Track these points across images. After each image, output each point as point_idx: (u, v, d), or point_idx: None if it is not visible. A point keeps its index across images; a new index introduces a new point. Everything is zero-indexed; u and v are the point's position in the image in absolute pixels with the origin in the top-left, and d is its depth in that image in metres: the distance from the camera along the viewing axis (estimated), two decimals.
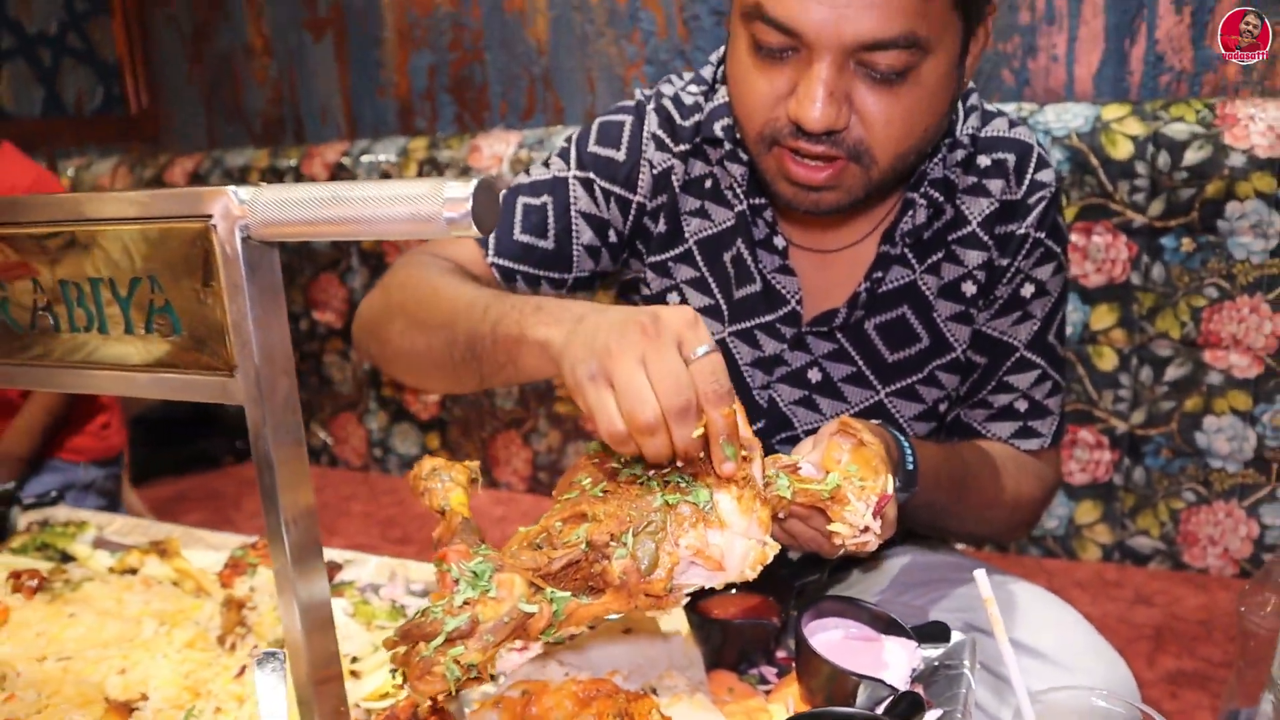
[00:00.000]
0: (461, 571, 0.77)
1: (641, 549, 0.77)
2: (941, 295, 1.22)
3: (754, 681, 0.95)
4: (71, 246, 0.80)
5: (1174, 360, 1.91)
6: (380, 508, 2.42)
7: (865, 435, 0.90)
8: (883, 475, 0.87)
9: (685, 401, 0.75)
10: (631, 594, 0.77)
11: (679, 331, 0.78)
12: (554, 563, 0.79)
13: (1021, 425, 1.28)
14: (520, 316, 0.90)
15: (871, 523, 0.85)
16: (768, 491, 0.84)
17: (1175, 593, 1.86)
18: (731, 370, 1.26)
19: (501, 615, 0.73)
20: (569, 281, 1.26)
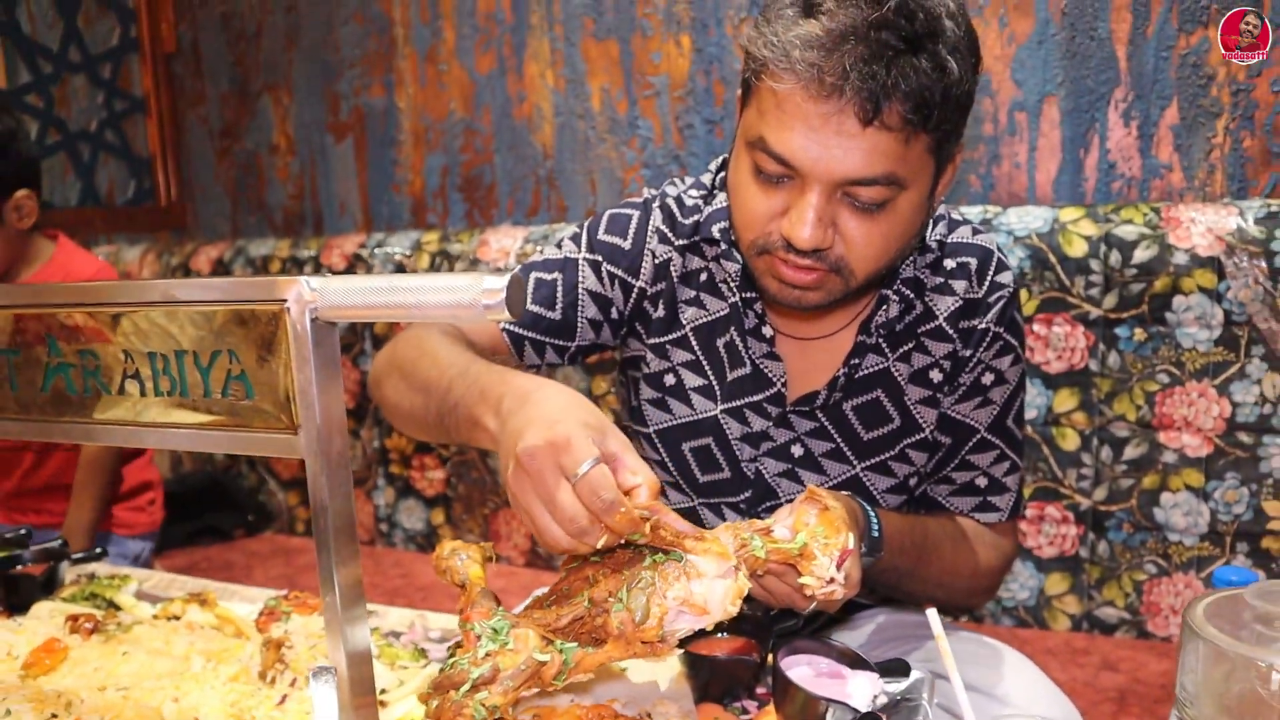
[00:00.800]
0: (483, 628, 0.91)
1: (635, 602, 0.90)
2: (911, 381, 1.38)
3: (737, 713, 1.08)
4: (157, 321, 0.95)
5: (1131, 440, 2.06)
6: (386, 579, 2.52)
7: (829, 501, 1.04)
8: (844, 533, 1.01)
9: (581, 526, 0.87)
10: (629, 642, 0.90)
11: (556, 462, 0.86)
12: (561, 619, 0.93)
13: (981, 500, 1.42)
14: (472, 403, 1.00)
15: (836, 574, 0.99)
16: (744, 552, 0.98)
17: (1139, 659, 1.97)
18: (722, 444, 1.40)
19: (519, 664, 0.87)
20: (571, 349, 1.41)
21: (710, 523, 1.44)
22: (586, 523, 0.87)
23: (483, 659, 0.87)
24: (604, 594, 0.92)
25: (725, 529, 1.01)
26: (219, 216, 3.55)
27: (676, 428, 1.44)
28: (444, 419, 1.07)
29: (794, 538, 1.01)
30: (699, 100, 2.69)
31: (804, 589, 1.00)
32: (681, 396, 1.43)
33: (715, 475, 1.43)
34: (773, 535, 1.02)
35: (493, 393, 0.98)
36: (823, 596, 0.99)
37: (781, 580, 1.04)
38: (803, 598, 1.02)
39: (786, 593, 1.03)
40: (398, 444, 2.84)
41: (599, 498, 0.86)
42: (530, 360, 1.40)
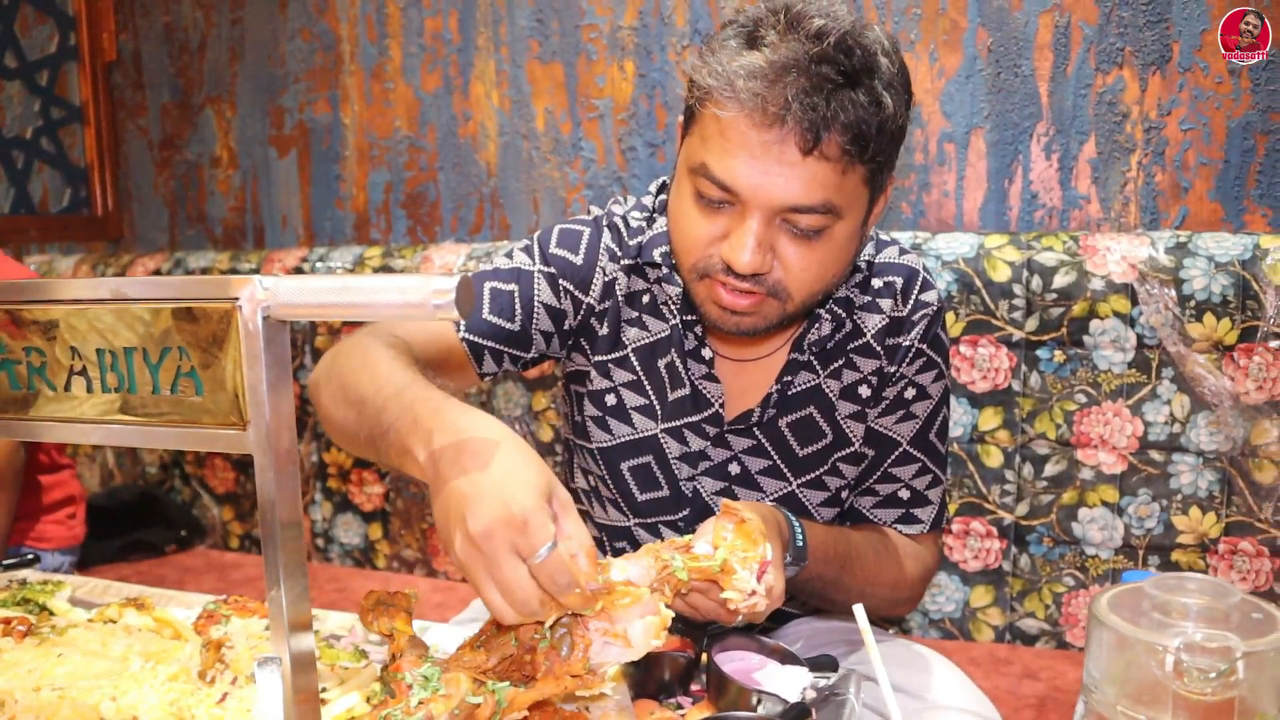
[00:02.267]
0: (414, 677, 0.93)
1: (557, 637, 0.93)
2: (842, 396, 1.44)
3: (672, 708, 1.11)
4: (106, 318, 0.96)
5: (1051, 458, 2.15)
6: (323, 593, 2.51)
7: (745, 514, 1.09)
8: (762, 545, 1.06)
9: (532, 609, 0.87)
10: (558, 677, 0.92)
11: (512, 542, 0.84)
12: (490, 659, 0.96)
13: (904, 512, 1.48)
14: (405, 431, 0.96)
15: (757, 587, 1.03)
16: (666, 573, 1.02)
17: (1058, 668, 2.04)
18: (661, 463, 1.44)
19: (452, 709, 0.87)
20: (525, 359, 1.44)
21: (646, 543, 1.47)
22: (538, 605, 0.87)
23: (416, 708, 0.88)
24: (529, 633, 0.94)
25: (647, 550, 1.05)
26: (156, 229, 3.50)
27: (618, 447, 1.48)
28: (375, 441, 1.03)
29: (714, 553, 1.05)
30: (641, 123, 2.76)
31: (727, 602, 1.04)
32: (623, 416, 1.46)
33: (654, 494, 1.47)
34: (693, 552, 1.06)
35: (424, 425, 0.94)
36: (746, 610, 1.04)
37: (706, 596, 1.08)
38: (728, 612, 1.06)
39: (712, 608, 1.06)
40: (336, 458, 2.83)
41: (556, 583, 0.86)
42: (488, 369, 1.42)
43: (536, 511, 0.84)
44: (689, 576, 1.02)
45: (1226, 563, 2.05)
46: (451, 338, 1.36)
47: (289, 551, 0.82)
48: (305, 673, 0.85)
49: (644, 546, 1.02)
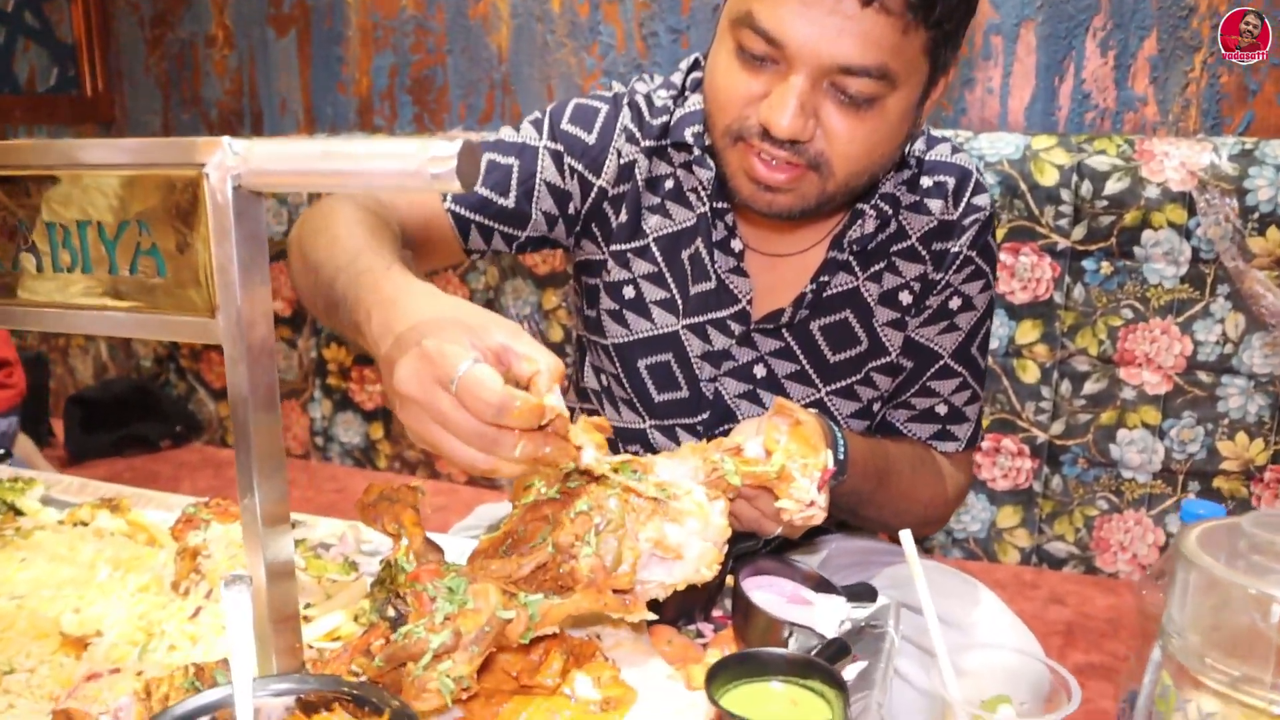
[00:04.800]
0: (438, 589, 0.81)
1: (605, 546, 0.82)
2: (880, 302, 1.30)
3: (692, 635, 1.01)
4: (58, 189, 0.84)
5: (1092, 375, 2.03)
6: (321, 494, 2.43)
7: (800, 415, 0.97)
8: (824, 452, 0.94)
9: (487, 437, 0.76)
10: (600, 590, 0.82)
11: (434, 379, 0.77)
12: (523, 568, 0.84)
13: (940, 428, 1.36)
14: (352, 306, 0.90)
15: (817, 497, 0.92)
16: (713, 476, 0.90)
17: (1086, 594, 1.96)
18: (682, 362, 1.32)
19: (482, 625, 0.77)
20: (520, 239, 1.30)
21: (663, 448, 1.36)
22: (490, 432, 0.76)
23: (441, 624, 0.77)
24: (570, 538, 0.83)
25: (693, 450, 0.93)
26: (149, 111, 3.33)
27: (634, 343, 1.35)
28: (330, 313, 0.98)
29: (768, 458, 0.93)
30: (664, 7, 2.56)
31: (779, 513, 0.93)
32: (641, 310, 1.33)
33: (672, 395, 1.34)
34: (745, 455, 0.94)
35: (365, 302, 0.88)
36: (801, 522, 0.93)
37: (752, 504, 0.97)
38: (770, 522, 0.94)
39: (754, 518, 0.95)
40: (336, 355, 2.72)
41: (481, 400, 0.75)
42: (475, 245, 1.29)
43: (447, 337, 0.77)
44: (741, 482, 0.91)
45: (1272, 491, 1.94)
46: (436, 207, 1.24)
47: (265, 454, 0.74)
48: (283, 589, 0.78)
49: (686, 445, 0.92)
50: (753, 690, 0.83)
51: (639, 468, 0.88)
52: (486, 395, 0.75)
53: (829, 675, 0.81)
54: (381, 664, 0.80)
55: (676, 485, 0.87)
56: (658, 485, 0.86)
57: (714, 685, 0.79)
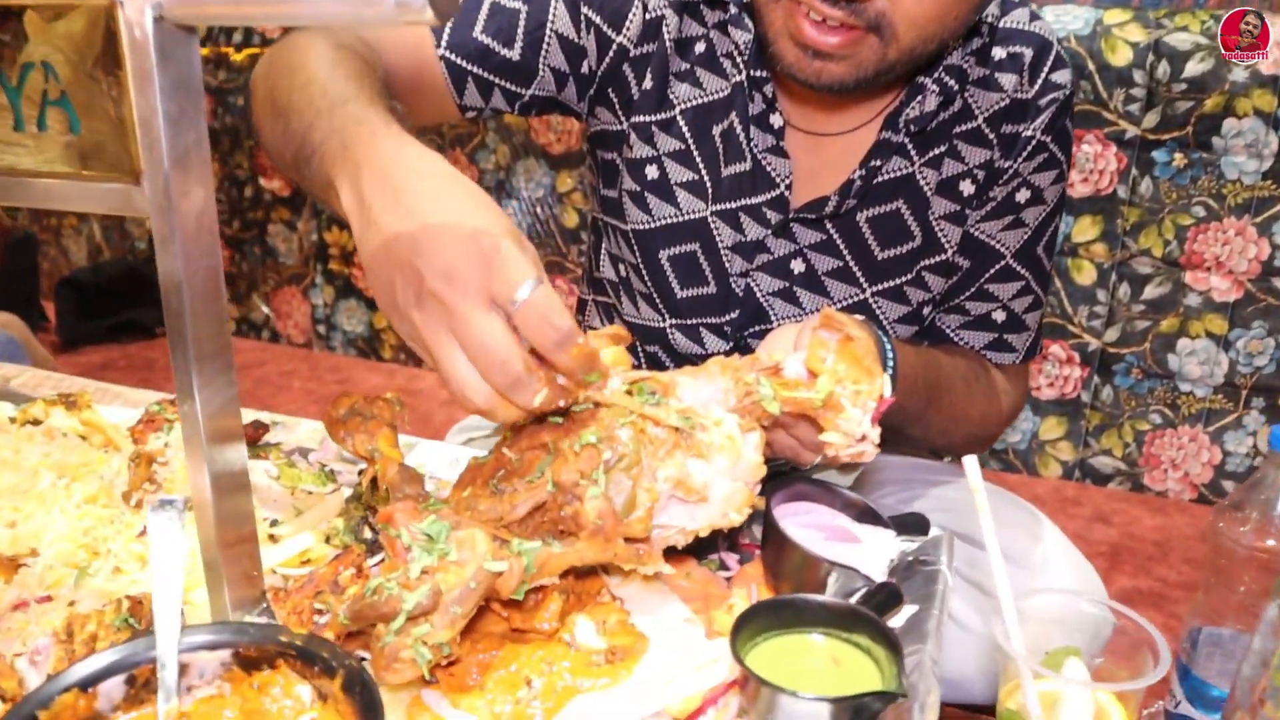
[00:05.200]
0: (413, 535, 0.68)
1: (615, 486, 0.69)
2: (938, 191, 1.14)
3: (713, 567, 0.88)
4: None
5: (1154, 279, 1.86)
6: (322, 385, 2.32)
7: (852, 329, 0.81)
8: (879, 377, 0.79)
9: (514, 377, 0.65)
10: (609, 539, 0.70)
11: (484, 286, 0.65)
12: (517, 509, 0.71)
13: (996, 337, 1.22)
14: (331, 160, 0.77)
15: (870, 431, 0.77)
16: (746, 400, 0.75)
17: (1133, 514, 1.84)
18: (710, 253, 1.16)
19: (466, 580, 0.65)
20: (525, 97, 1.14)
21: (684, 350, 1.21)
22: (523, 368, 0.65)
23: (418, 580, 0.64)
24: (574, 475, 0.70)
25: (723, 368, 0.78)
26: None
27: (656, 231, 1.20)
28: (300, 167, 0.84)
29: (813, 382, 0.78)
30: None
31: (822, 446, 0.78)
32: (665, 193, 1.18)
33: (697, 290, 1.20)
34: (783, 376, 0.79)
35: (353, 154, 0.74)
36: (848, 458, 0.78)
37: (789, 432, 0.83)
38: (808, 453, 0.80)
39: (790, 446, 0.82)
40: (338, 238, 2.56)
41: (551, 326, 0.64)
42: (471, 102, 1.13)
43: (513, 244, 0.65)
44: (780, 410, 0.76)
45: None
46: (428, 53, 1.09)
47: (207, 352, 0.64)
48: (234, 509, 0.68)
49: (714, 362, 0.78)
50: (787, 644, 0.70)
51: (658, 388, 0.73)
52: (558, 320, 0.64)
53: (879, 630, 0.68)
54: (346, 620, 0.67)
55: (703, 413, 0.73)
56: (681, 413, 0.71)
57: (741, 638, 0.67)
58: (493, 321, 0.65)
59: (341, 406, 0.86)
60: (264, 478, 1.00)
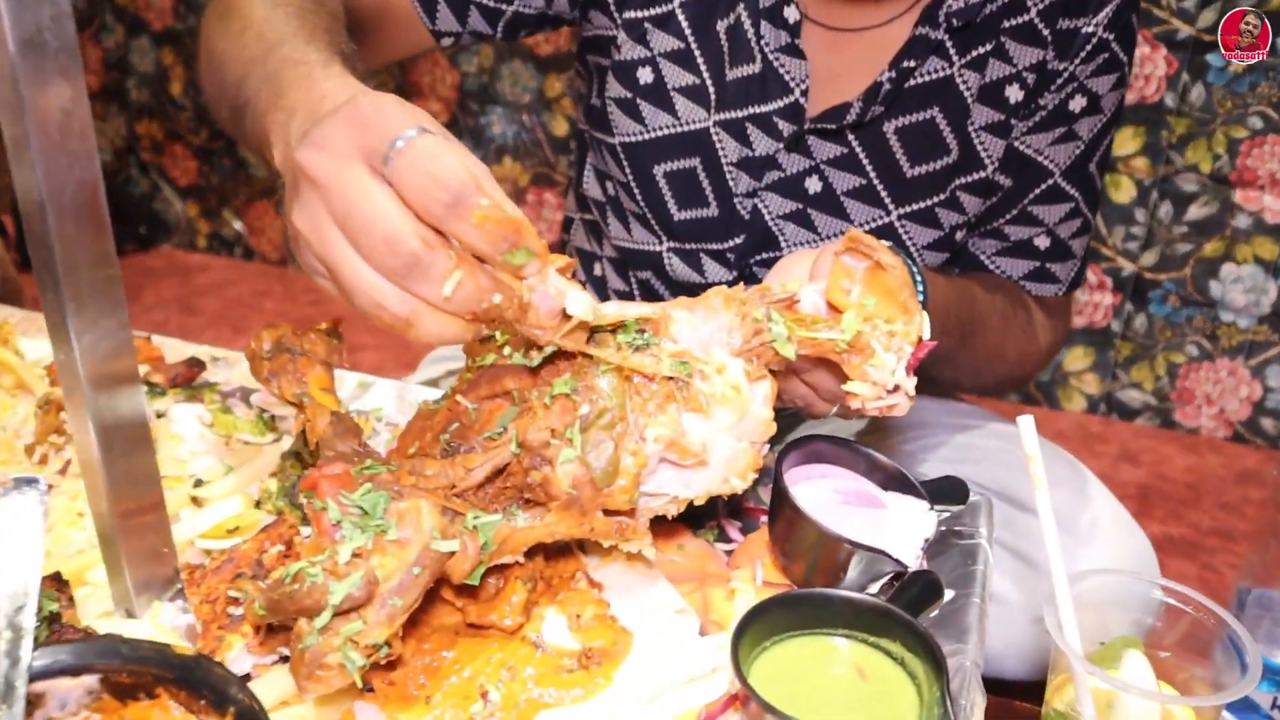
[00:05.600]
0: (343, 508, 0.55)
1: (594, 448, 0.58)
2: (981, 98, 1.03)
3: (712, 537, 0.76)
4: None
5: (1199, 197, 1.71)
6: (296, 306, 2.18)
7: (883, 255, 0.66)
8: (916, 314, 0.65)
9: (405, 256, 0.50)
10: (585, 511, 0.59)
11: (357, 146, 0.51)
12: (474, 472, 0.60)
13: (1038, 266, 1.12)
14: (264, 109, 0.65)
15: (904, 380, 0.63)
16: (754, 341, 0.63)
17: (1163, 452, 1.72)
18: (711, 169, 1.03)
19: (409, 565, 0.54)
20: (506, 14, 1.00)
21: (682, 277, 1.08)
22: (418, 244, 0.50)
23: (348, 565, 0.53)
24: (543, 434, 0.58)
25: (725, 301, 0.65)
26: None
27: (650, 144, 1.08)
28: (236, 121, 0.74)
29: (836, 319, 0.64)
30: None
31: (844, 396, 0.65)
32: (661, 100, 1.05)
33: (697, 211, 1.07)
34: (797, 310, 0.65)
35: (288, 100, 0.62)
36: (875, 412, 0.64)
37: (802, 378, 0.70)
38: (823, 403, 0.71)
39: (802, 394, 0.69)
40: None
41: (435, 182, 0.49)
42: (445, 27, 1.00)
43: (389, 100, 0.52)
44: (796, 354, 0.62)
45: None
46: None
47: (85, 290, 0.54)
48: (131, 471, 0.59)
49: (715, 292, 0.66)
50: (801, 650, 0.58)
51: (648, 325, 0.60)
52: (444, 173, 0.49)
53: (916, 636, 0.56)
54: (262, 611, 0.54)
55: (702, 356, 0.61)
56: (674, 356, 0.58)
57: (745, 642, 0.54)
58: (370, 187, 0.50)
59: (265, 340, 0.73)
60: (195, 425, 0.87)
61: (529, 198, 2.22)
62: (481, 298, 0.51)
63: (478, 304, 0.51)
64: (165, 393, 0.92)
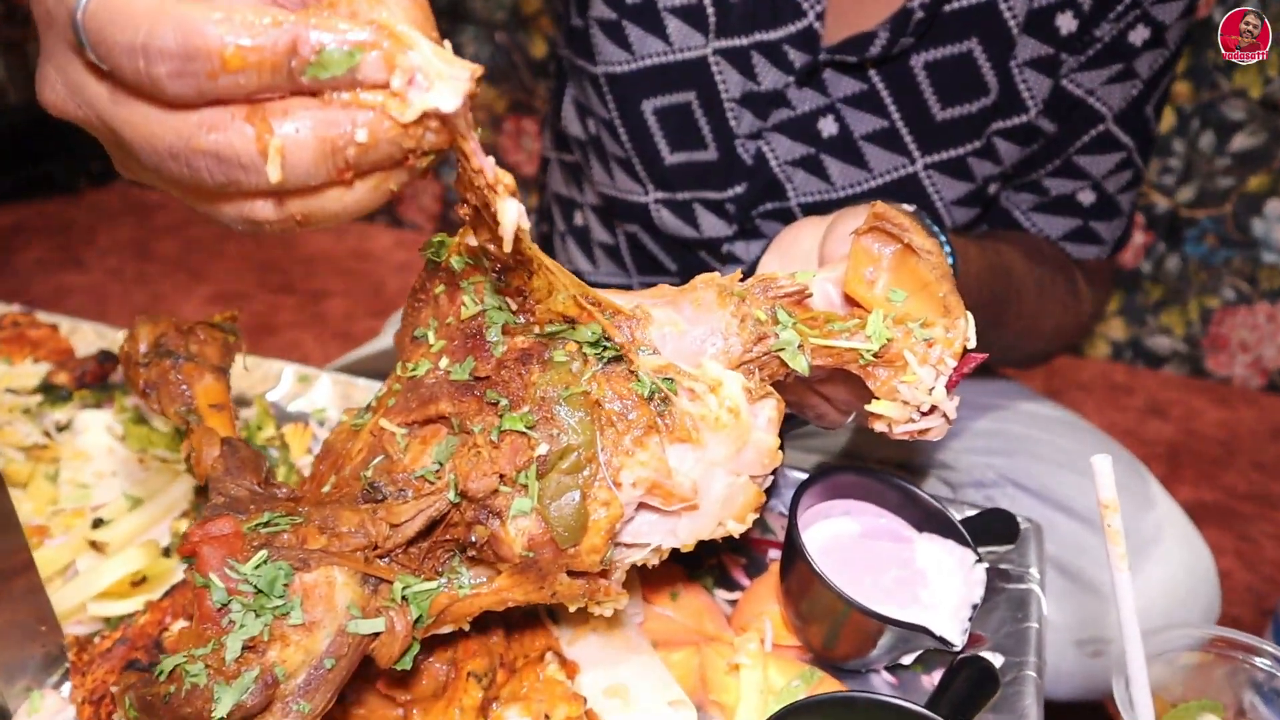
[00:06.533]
0: (232, 585, 0.44)
1: (556, 501, 0.47)
2: (1027, 28, 0.89)
3: (711, 581, 0.64)
4: None
5: (1246, 126, 1.56)
6: (260, 249, 2.04)
7: (916, 238, 0.53)
8: (960, 317, 0.51)
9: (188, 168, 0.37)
10: (545, 573, 0.49)
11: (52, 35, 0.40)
12: (402, 528, 0.48)
13: (1081, 225, 1.01)
14: None
15: (943, 400, 0.50)
16: (756, 349, 0.52)
17: (1194, 405, 1.60)
18: (709, 105, 0.94)
19: (318, 656, 0.44)
20: None
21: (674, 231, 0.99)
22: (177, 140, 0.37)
23: (238, 662, 0.42)
24: (490, 480, 0.47)
25: (719, 295, 0.52)
26: None
27: (638, 75, 0.93)
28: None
29: (857, 319, 0.52)
30: None
31: (869, 418, 0.52)
32: (650, 23, 0.92)
33: (691, 154, 0.94)
34: (810, 307, 0.52)
35: None
36: (906, 436, 0.51)
37: (815, 389, 0.58)
38: (837, 414, 0.60)
39: (814, 403, 0.56)
40: None
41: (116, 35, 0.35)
42: None
43: None
44: (810, 365, 0.49)
45: None
46: None
47: None
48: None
49: (705, 281, 0.54)
50: None
51: (623, 322, 0.47)
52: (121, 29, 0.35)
53: None
54: (135, 714, 0.43)
55: (689, 369, 0.50)
56: (657, 370, 0.45)
57: None
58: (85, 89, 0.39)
59: (141, 339, 0.60)
60: (104, 437, 0.75)
61: (506, 126, 2.05)
62: (328, 153, 0.36)
63: (333, 162, 0.36)
64: (71, 396, 0.79)
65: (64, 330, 0.87)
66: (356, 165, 0.36)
